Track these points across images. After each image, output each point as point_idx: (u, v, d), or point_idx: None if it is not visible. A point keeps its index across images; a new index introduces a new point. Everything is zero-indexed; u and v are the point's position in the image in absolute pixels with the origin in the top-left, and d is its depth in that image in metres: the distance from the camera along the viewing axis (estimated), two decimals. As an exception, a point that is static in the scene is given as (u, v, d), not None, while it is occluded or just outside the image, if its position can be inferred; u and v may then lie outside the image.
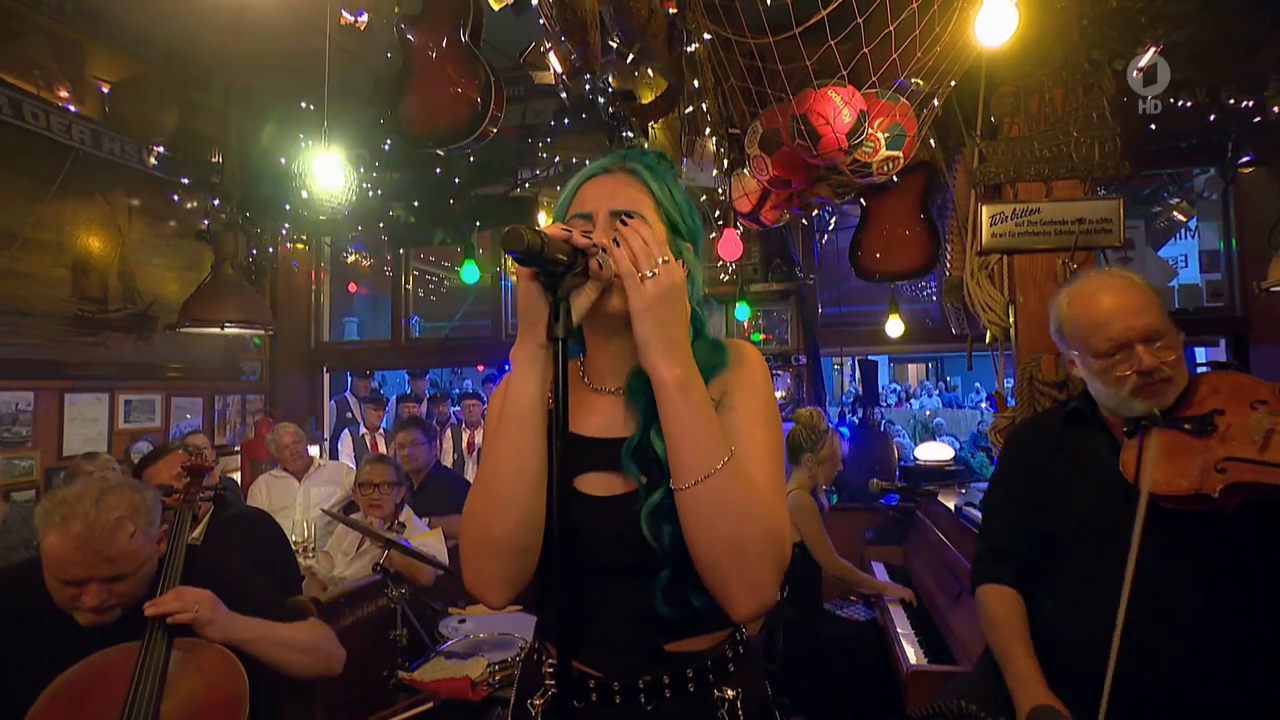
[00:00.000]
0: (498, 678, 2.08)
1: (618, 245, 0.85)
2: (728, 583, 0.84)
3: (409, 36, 2.68)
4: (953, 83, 2.05)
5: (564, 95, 2.24)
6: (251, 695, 1.48)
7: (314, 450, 4.93)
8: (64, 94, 3.81)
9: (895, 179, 2.37)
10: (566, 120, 3.90)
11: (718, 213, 2.59)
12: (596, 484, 0.94)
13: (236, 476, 4.86)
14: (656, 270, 0.83)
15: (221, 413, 5.02)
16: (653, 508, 0.88)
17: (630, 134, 2.83)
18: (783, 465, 0.95)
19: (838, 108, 1.79)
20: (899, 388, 13.16)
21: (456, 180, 4.20)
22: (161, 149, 4.15)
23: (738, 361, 0.97)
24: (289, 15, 3.43)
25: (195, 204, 4.53)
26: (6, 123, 3.51)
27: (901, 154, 2.02)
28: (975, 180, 2.20)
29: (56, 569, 1.42)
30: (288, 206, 4.13)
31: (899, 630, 2.51)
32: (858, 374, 5.31)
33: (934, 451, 4.51)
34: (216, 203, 4.46)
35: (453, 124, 2.75)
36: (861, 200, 3.12)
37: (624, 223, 0.86)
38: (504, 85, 2.66)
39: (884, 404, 11.15)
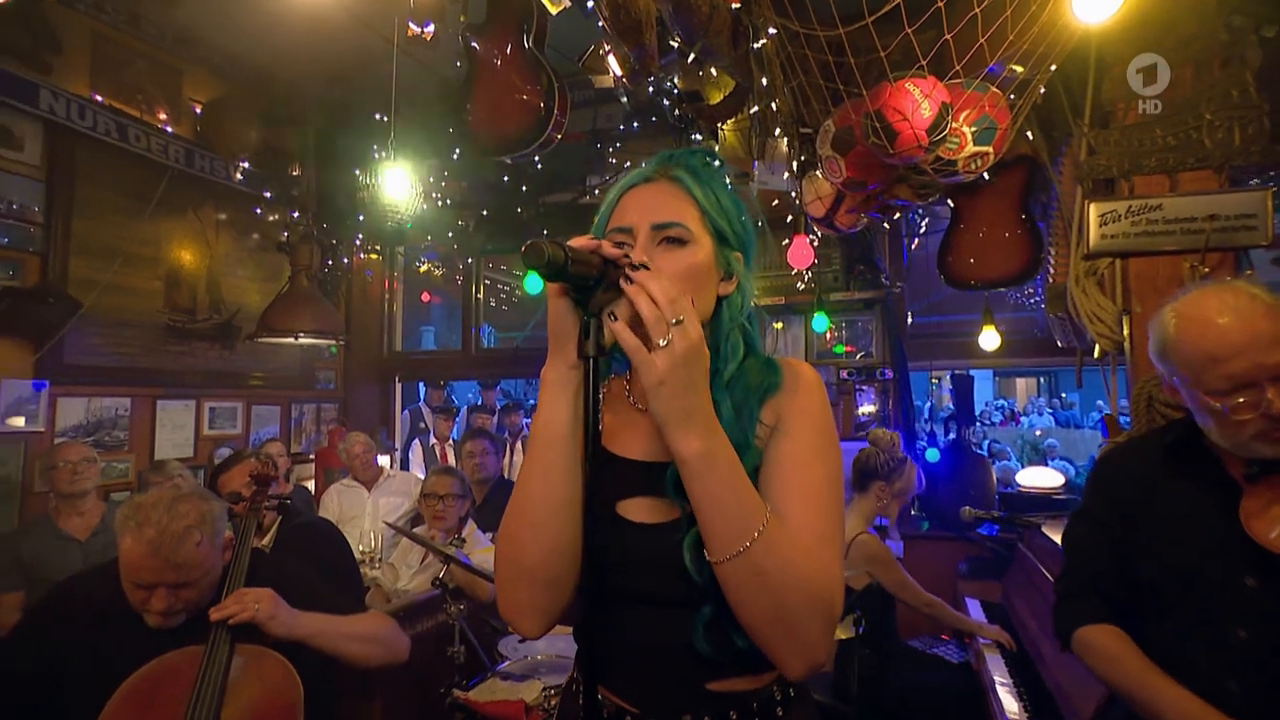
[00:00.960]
0: (552, 703, 2.09)
1: (614, 319, 0.79)
2: (775, 647, 0.83)
3: (474, 44, 2.78)
4: (1053, 66, 1.92)
5: (625, 100, 2.25)
6: (306, 704, 1.56)
7: (384, 460, 5.15)
8: (163, 116, 4.20)
9: (987, 176, 2.25)
10: (636, 124, 3.94)
11: (789, 217, 2.54)
12: (639, 509, 0.94)
13: (311, 485, 5.15)
14: (669, 338, 0.77)
15: (298, 421, 5.33)
16: (695, 538, 0.86)
17: (699, 136, 2.82)
18: (841, 504, 0.91)
19: (916, 101, 1.72)
20: (1005, 404, 12.41)
21: (524, 188, 4.32)
22: (246, 164, 4.49)
23: (792, 385, 0.94)
24: (360, 28, 3.64)
25: (276, 217, 4.86)
26: (113, 145, 3.91)
27: (992, 149, 1.92)
28: (1082, 175, 2.05)
29: (130, 572, 1.55)
30: (361, 218, 4.36)
31: (995, 678, 2.35)
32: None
33: (1039, 477, 4.22)
34: (296, 215, 4.77)
35: (517, 131, 2.83)
36: (949, 201, 2.98)
37: (628, 279, 0.80)
38: (569, 90, 2.73)
39: (988, 422, 10.54)
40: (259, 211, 4.81)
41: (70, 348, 3.70)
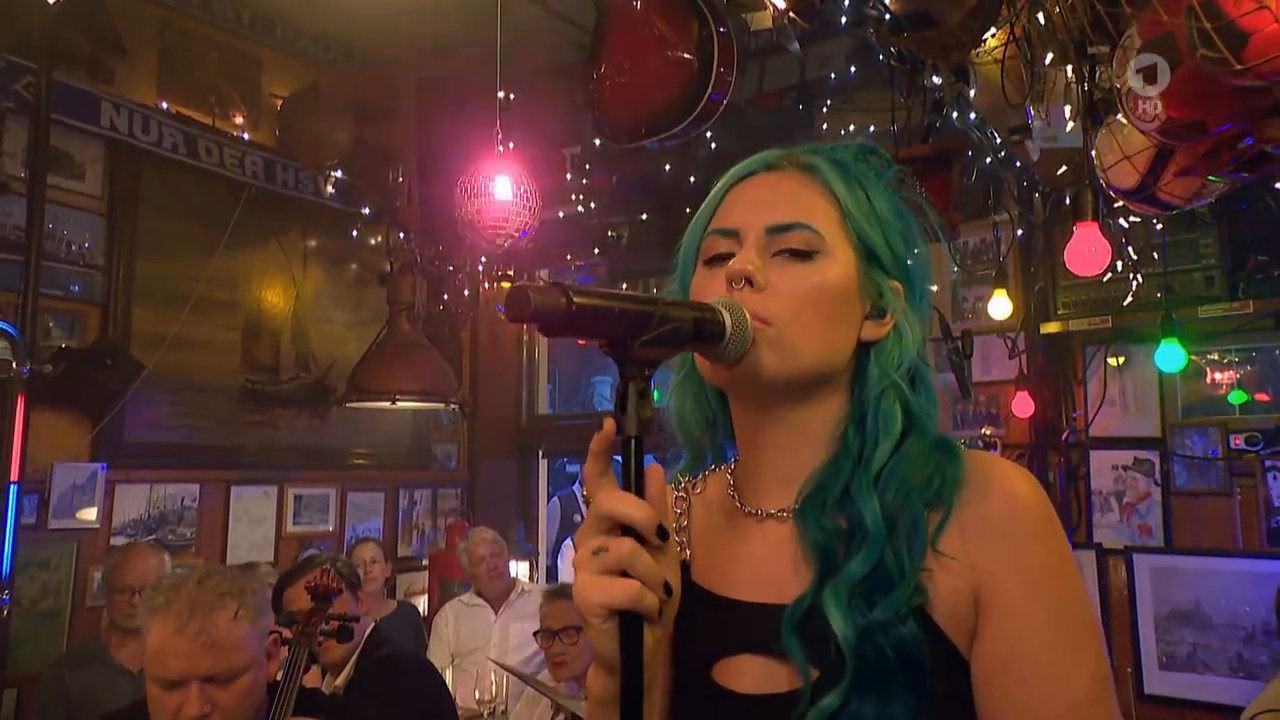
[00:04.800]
0: None
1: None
2: None
3: (603, -17, 2.92)
4: None
5: (796, 48, 2.23)
6: None
7: (519, 569, 5.38)
8: (239, 119, 4.89)
9: None
10: (853, 70, 3.87)
11: (1068, 198, 2.36)
12: (748, 674, 0.94)
13: (423, 601, 5.51)
14: None
15: (407, 512, 5.76)
16: (823, 718, 0.85)
17: (938, 79, 2.72)
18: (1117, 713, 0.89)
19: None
20: None
21: (692, 179, 4.39)
22: (338, 173, 5.05)
23: (985, 500, 0.91)
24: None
25: (379, 239, 5.37)
26: (180, 163, 4.59)
27: None
28: None
29: (157, 665, 1.78)
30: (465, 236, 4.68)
31: None
32: None
33: None
34: (403, 236, 5.23)
35: (664, 100, 2.89)
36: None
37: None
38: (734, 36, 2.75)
39: None
40: (356, 234, 5.35)
41: (131, 421, 4.33)
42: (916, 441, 0.96)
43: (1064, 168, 2.65)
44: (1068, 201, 3.95)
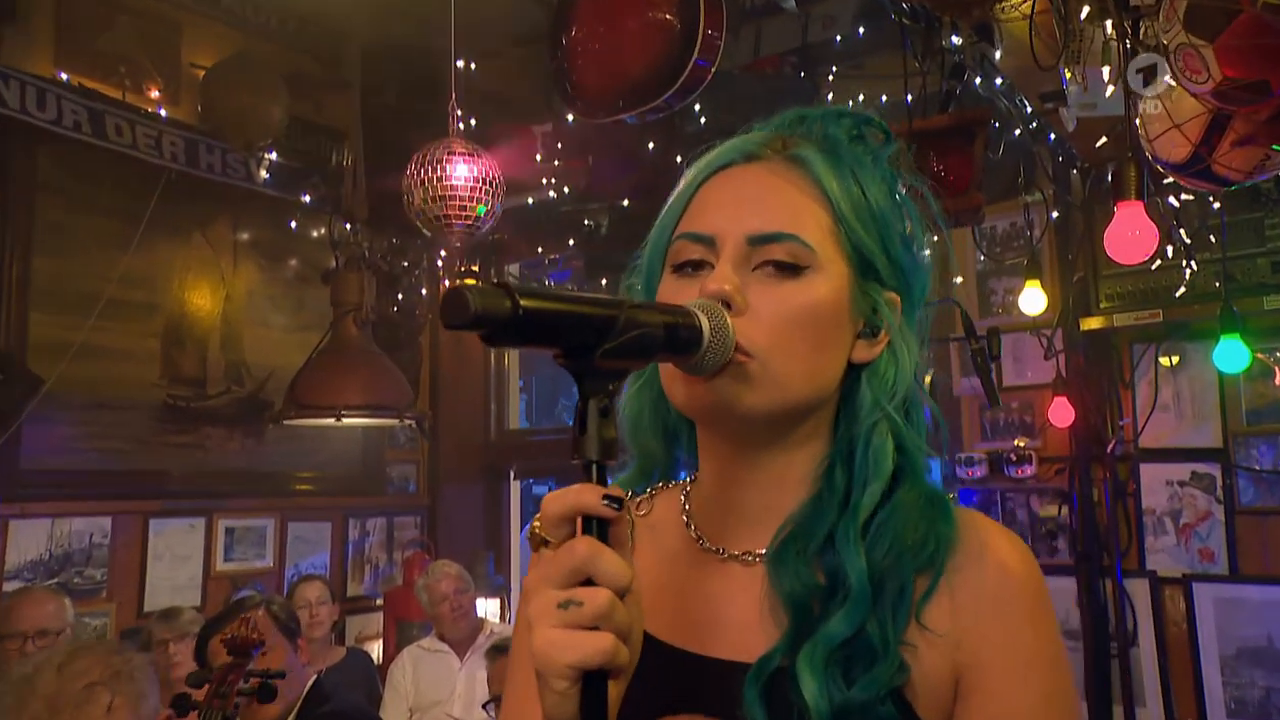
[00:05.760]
0: None
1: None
2: None
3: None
4: None
5: (793, 5, 2.20)
6: None
7: (488, 607, 5.35)
8: (155, 93, 4.82)
9: None
10: (861, 31, 3.84)
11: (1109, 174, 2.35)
12: None
13: (377, 647, 5.47)
14: None
15: (358, 545, 5.72)
16: None
17: (957, 39, 2.70)
18: None
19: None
20: None
21: (679, 159, 4.35)
22: (273, 155, 4.98)
23: (978, 575, 0.94)
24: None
25: (322, 231, 5.33)
26: (86, 144, 4.50)
27: None
28: None
29: None
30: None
31: None
32: None
33: None
34: (349, 226, 5.20)
35: (644, 71, 2.88)
36: None
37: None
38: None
39: None
40: (294, 225, 5.29)
41: (28, 445, 4.25)
42: (910, 491, 0.97)
43: (1104, 139, 2.65)
44: (1109, 178, 3.97)
